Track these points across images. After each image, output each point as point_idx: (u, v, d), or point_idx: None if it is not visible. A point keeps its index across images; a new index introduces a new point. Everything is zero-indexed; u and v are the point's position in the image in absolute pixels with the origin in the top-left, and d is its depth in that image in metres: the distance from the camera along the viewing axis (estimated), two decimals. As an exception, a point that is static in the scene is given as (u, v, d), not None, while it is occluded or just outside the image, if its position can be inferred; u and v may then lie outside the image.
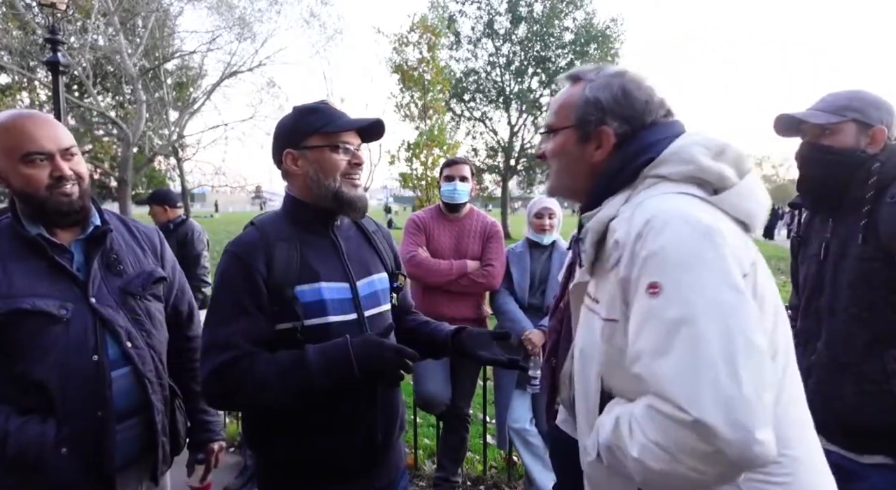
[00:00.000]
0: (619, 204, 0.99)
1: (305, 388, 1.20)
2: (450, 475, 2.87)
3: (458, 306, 2.74)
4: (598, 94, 1.04)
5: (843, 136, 1.50)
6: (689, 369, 0.76)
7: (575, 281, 1.14)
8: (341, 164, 1.31)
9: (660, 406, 0.78)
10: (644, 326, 0.83)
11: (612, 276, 0.94)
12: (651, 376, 0.80)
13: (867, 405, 1.40)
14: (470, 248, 2.79)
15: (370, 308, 1.37)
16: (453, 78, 19.15)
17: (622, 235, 0.91)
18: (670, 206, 0.90)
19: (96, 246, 1.38)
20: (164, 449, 1.45)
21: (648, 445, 0.80)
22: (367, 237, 1.50)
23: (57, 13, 6.86)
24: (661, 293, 0.82)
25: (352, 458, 1.32)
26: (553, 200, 2.78)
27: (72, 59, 11.84)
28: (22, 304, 1.23)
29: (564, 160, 1.10)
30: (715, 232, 0.85)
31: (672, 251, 0.83)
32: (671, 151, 0.98)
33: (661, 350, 0.80)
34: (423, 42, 9.88)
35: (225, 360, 1.19)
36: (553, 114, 1.12)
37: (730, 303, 0.80)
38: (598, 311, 1.00)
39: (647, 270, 0.84)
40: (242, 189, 25.29)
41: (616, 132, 1.03)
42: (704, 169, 0.95)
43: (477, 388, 2.99)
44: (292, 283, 1.26)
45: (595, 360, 1.00)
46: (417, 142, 9.41)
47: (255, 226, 1.34)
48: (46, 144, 1.27)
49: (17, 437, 1.21)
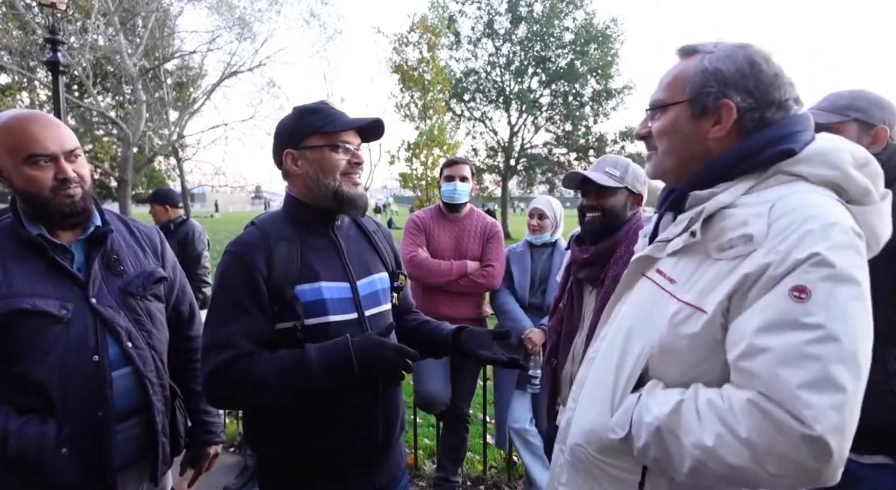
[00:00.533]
0: (739, 193, 0.92)
1: (306, 388, 1.20)
2: (450, 475, 2.87)
3: (458, 306, 2.74)
4: (718, 64, 0.94)
5: (845, 136, 1.49)
6: (819, 388, 0.75)
7: (642, 253, 1.05)
8: (341, 163, 1.32)
9: (770, 408, 0.76)
10: (777, 326, 0.79)
11: (720, 266, 0.88)
12: (770, 379, 0.78)
13: (867, 405, 1.40)
14: (470, 248, 2.79)
15: (371, 307, 1.37)
16: (453, 78, 19.15)
17: (757, 232, 0.85)
18: (823, 209, 0.84)
19: (97, 246, 1.38)
20: (164, 449, 1.45)
21: (730, 438, 0.78)
22: (368, 237, 1.50)
23: (57, 13, 6.87)
24: (808, 301, 0.78)
25: (352, 457, 1.32)
26: (546, 201, 2.77)
27: (72, 59, 11.84)
28: (22, 304, 1.23)
29: (675, 139, 1.00)
30: (863, 244, 0.84)
31: (828, 261, 0.79)
32: (817, 151, 0.91)
33: (794, 358, 0.77)
34: (423, 42, 9.87)
35: (225, 360, 1.20)
36: (662, 89, 1.02)
37: (866, 328, 0.81)
38: (673, 292, 0.93)
39: (794, 273, 0.80)
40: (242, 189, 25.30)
41: (739, 106, 0.93)
42: (851, 178, 0.89)
43: (477, 388, 2.99)
44: (292, 283, 1.26)
45: (647, 339, 0.95)
46: (417, 142, 9.40)
47: (255, 226, 1.34)
48: (51, 146, 1.28)
49: (18, 438, 1.21)
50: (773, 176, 0.92)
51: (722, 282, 0.87)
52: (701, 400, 0.84)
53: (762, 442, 0.76)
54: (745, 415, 0.78)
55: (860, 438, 1.42)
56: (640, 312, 1.00)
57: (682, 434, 0.83)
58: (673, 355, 0.91)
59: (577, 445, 1.05)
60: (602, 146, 21.91)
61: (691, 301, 0.90)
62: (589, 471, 1.02)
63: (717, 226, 0.91)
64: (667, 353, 0.92)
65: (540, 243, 2.74)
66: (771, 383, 0.77)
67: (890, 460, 1.41)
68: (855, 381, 0.76)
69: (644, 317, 0.98)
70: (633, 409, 0.93)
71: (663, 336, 0.92)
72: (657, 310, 0.95)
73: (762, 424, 0.76)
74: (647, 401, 0.91)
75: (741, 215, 0.89)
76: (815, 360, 0.76)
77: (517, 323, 2.62)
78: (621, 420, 0.94)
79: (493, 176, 23.55)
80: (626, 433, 0.92)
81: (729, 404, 0.80)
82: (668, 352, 0.92)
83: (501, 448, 2.95)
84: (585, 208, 1.85)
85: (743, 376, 0.81)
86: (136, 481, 1.43)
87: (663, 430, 0.86)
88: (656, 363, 0.94)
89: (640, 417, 0.90)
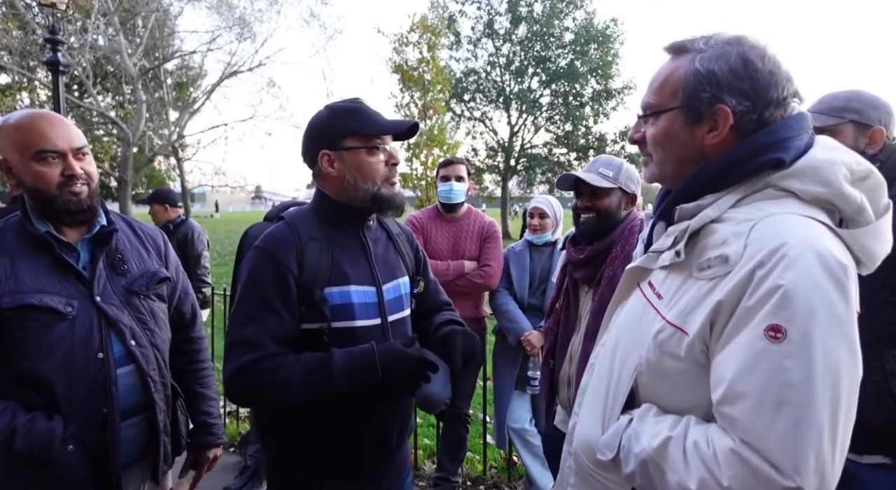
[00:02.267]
0: (726, 206, 0.87)
1: (329, 392, 1.20)
2: (450, 475, 2.87)
3: (459, 306, 2.73)
4: (711, 65, 0.88)
5: (841, 138, 1.50)
6: (798, 433, 0.73)
7: (636, 264, 1.03)
8: (380, 167, 1.31)
9: (751, 459, 0.75)
10: (753, 370, 0.76)
11: (699, 286, 0.85)
12: (750, 426, 0.76)
13: (867, 405, 1.39)
14: (468, 248, 2.79)
15: (393, 313, 1.37)
16: (453, 78, 19.14)
17: (733, 253, 0.81)
18: (804, 236, 0.78)
19: (102, 245, 1.40)
20: (166, 448, 1.45)
21: (713, 485, 0.77)
22: (392, 239, 1.48)
23: (57, 13, 6.87)
24: (784, 341, 0.74)
25: (365, 457, 1.33)
26: (546, 200, 2.77)
27: (72, 59, 11.84)
28: (29, 300, 1.24)
29: (670, 147, 0.95)
30: (847, 278, 0.78)
31: (802, 294, 0.74)
32: (810, 165, 0.85)
33: (770, 403, 0.75)
34: (423, 42, 9.87)
35: (250, 360, 1.19)
36: (654, 92, 0.96)
37: (847, 368, 0.77)
38: (659, 308, 0.91)
39: (768, 308, 0.75)
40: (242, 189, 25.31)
41: (735, 110, 0.88)
42: (844, 197, 0.83)
43: (477, 388, 2.99)
44: (322, 284, 1.25)
45: (636, 355, 0.93)
46: (417, 142, 9.39)
47: (285, 222, 1.32)
48: (60, 143, 1.30)
49: (25, 434, 1.22)
50: (762, 189, 0.87)
51: (701, 303, 0.84)
52: (689, 441, 0.82)
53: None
54: (728, 464, 0.76)
55: (860, 438, 1.43)
56: (630, 325, 0.99)
57: (669, 471, 0.83)
58: (661, 376, 0.90)
59: (577, 454, 1.05)
60: (602, 146, 21.90)
61: (673, 320, 0.87)
62: (588, 481, 1.03)
63: (701, 242, 0.88)
64: (654, 373, 0.90)
65: (541, 243, 2.75)
66: (751, 431, 0.76)
67: (889, 460, 1.41)
68: (833, 421, 0.74)
69: (633, 330, 0.97)
70: (623, 432, 0.92)
71: (650, 353, 0.90)
72: (644, 325, 0.93)
73: (744, 475, 0.75)
74: (637, 428, 0.90)
75: (722, 233, 0.85)
76: (793, 405, 0.74)
77: (516, 324, 2.62)
78: (610, 442, 0.93)
79: (493, 176, 23.55)
80: (614, 456, 0.91)
81: (713, 451, 0.79)
82: (655, 371, 0.90)
83: (501, 448, 2.95)
84: (580, 209, 1.86)
85: (725, 421, 0.80)
86: (138, 480, 1.43)
87: (649, 464, 0.85)
88: (645, 382, 0.92)
89: (629, 445, 0.89)
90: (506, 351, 2.72)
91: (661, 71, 0.96)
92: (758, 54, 0.88)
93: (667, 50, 0.97)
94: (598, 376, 1.04)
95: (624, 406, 0.95)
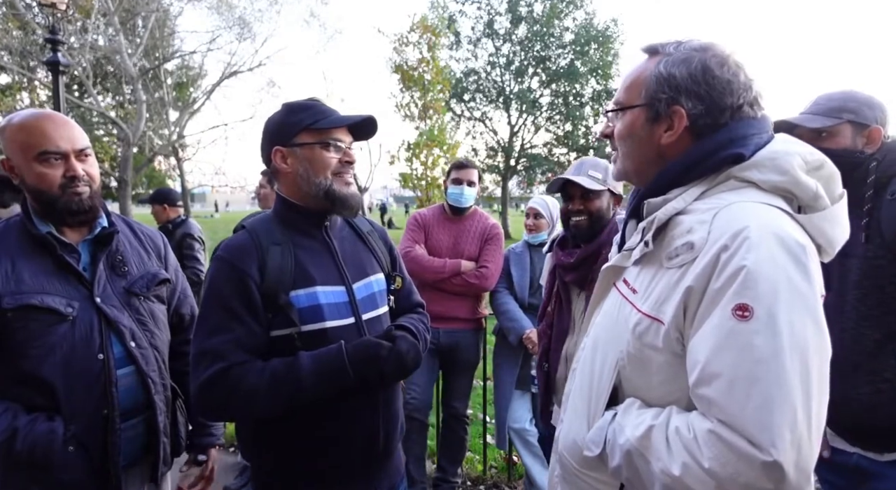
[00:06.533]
0: (691, 198, 0.92)
1: (299, 398, 1.17)
2: (449, 475, 2.87)
3: (451, 305, 2.74)
4: (672, 69, 0.94)
5: (840, 139, 1.50)
6: (772, 408, 0.75)
7: (610, 263, 1.06)
8: (332, 161, 1.28)
9: (729, 438, 0.76)
10: (724, 349, 0.79)
11: (669, 275, 0.88)
12: (726, 405, 0.78)
13: (883, 404, 1.39)
14: (467, 248, 2.79)
15: (368, 311, 1.34)
16: (453, 78, 19.15)
17: (698, 239, 0.85)
18: (764, 220, 0.83)
19: (102, 247, 1.40)
20: (165, 450, 1.46)
21: (695, 468, 0.78)
22: (362, 237, 1.46)
23: (57, 13, 6.87)
24: (751, 318, 0.77)
25: (352, 465, 1.29)
26: (542, 201, 2.78)
27: (72, 59, 11.85)
28: (31, 300, 1.24)
29: (632, 142, 1.01)
30: (807, 257, 0.81)
31: (765, 273, 0.78)
32: (767, 156, 0.90)
33: (743, 380, 0.77)
34: (423, 42, 9.86)
35: (216, 371, 1.15)
36: (623, 90, 1.02)
37: (814, 340, 0.79)
38: (634, 302, 0.94)
39: (734, 288, 0.79)
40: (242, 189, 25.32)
41: (689, 113, 0.93)
42: (800, 184, 0.88)
43: (477, 388, 2.99)
44: (287, 289, 1.22)
45: (616, 350, 0.95)
46: (417, 142, 9.39)
47: (245, 229, 1.30)
48: (62, 144, 1.31)
49: (26, 435, 1.22)
50: (724, 181, 0.92)
51: (673, 291, 0.87)
52: (671, 428, 0.84)
53: (725, 472, 0.76)
54: (707, 445, 0.78)
55: (879, 438, 1.43)
56: (608, 323, 1.01)
57: (653, 459, 0.84)
58: (643, 369, 0.91)
59: (563, 456, 1.06)
60: (602, 146, 21.89)
61: (649, 311, 0.90)
62: (574, 483, 1.03)
63: (669, 234, 0.91)
64: (637, 366, 0.92)
65: (537, 242, 2.75)
66: (726, 409, 0.77)
67: None
68: (805, 396, 0.76)
69: (611, 328, 0.99)
70: (608, 427, 0.93)
71: (630, 347, 0.92)
72: (622, 320, 0.96)
73: (723, 454, 0.77)
74: (621, 421, 0.91)
75: (688, 222, 0.89)
76: (764, 381, 0.76)
77: (516, 323, 2.62)
78: (596, 438, 0.94)
79: (494, 176, 23.55)
80: (600, 451, 0.93)
81: (694, 434, 0.80)
82: (637, 364, 0.92)
83: (501, 448, 2.95)
84: (571, 212, 1.86)
85: (702, 403, 0.82)
86: (138, 481, 1.44)
87: (634, 454, 0.87)
88: (628, 376, 0.94)
89: (614, 438, 0.91)
90: (506, 351, 2.72)
91: (633, 70, 1.02)
92: (718, 62, 0.93)
93: (643, 50, 1.03)
94: (580, 378, 1.05)
95: (608, 403, 0.97)
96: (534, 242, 2.76)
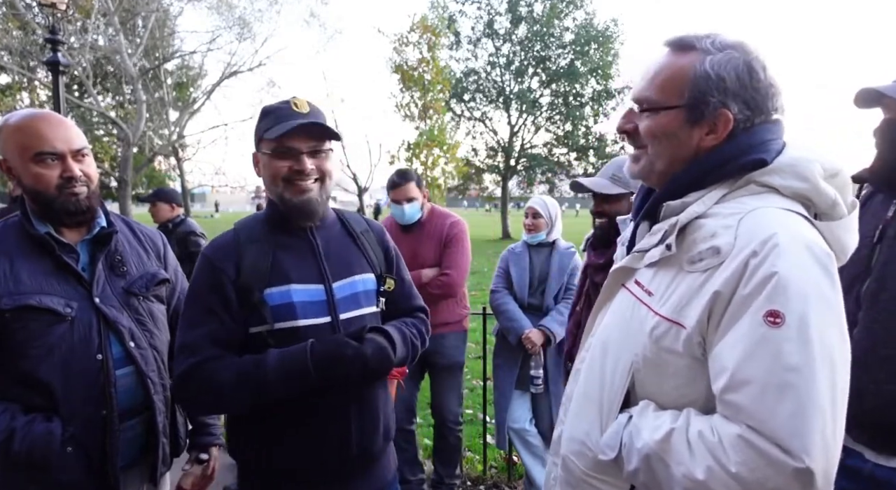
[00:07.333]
0: (711, 202, 0.91)
1: (263, 395, 1.17)
2: (445, 478, 2.87)
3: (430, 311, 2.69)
4: (721, 71, 0.89)
5: None
6: (804, 415, 0.75)
7: (621, 264, 1.03)
8: (282, 169, 1.26)
9: (759, 443, 0.76)
10: (755, 356, 0.78)
11: (692, 279, 0.87)
12: (756, 411, 0.77)
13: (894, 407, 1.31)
14: (428, 256, 2.69)
15: (347, 311, 1.31)
16: (453, 78, 19.15)
17: (725, 244, 0.84)
18: (791, 228, 0.83)
19: (101, 247, 1.40)
20: (164, 450, 1.45)
21: (721, 473, 0.78)
22: (353, 237, 1.43)
23: (57, 13, 6.87)
24: (782, 325, 0.77)
25: (325, 468, 1.28)
26: (541, 201, 2.76)
27: (72, 59, 11.84)
28: (29, 301, 1.24)
29: (667, 143, 0.95)
30: (833, 265, 0.82)
31: (795, 280, 0.78)
32: (788, 163, 0.89)
33: (774, 387, 0.76)
34: (423, 42, 9.88)
35: (189, 365, 1.18)
36: (655, 87, 0.95)
37: (840, 349, 0.79)
38: (650, 304, 0.92)
39: (765, 295, 0.78)
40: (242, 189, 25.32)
41: (736, 117, 0.90)
42: (820, 192, 0.88)
43: (477, 388, 2.98)
44: (261, 286, 1.23)
45: (630, 353, 0.93)
46: (417, 142, 9.41)
47: (232, 228, 1.33)
48: (58, 145, 1.30)
49: (24, 435, 1.22)
50: (744, 185, 0.91)
51: (696, 295, 0.85)
52: (692, 431, 0.83)
53: (753, 477, 0.76)
54: (735, 450, 0.77)
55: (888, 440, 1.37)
56: (620, 325, 0.98)
57: (673, 463, 0.83)
58: (659, 373, 0.90)
59: (567, 459, 1.04)
60: (602, 146, 21.92)
61: (668, 315, 0.88)
62: (579, 487, 1.01)
63: (689, 237, 0.90)
64: (652, 370, 0.91)
65: (535, 242, 2.74)
66: (757, 416, 0.77)
67: None
68: (833, 402, 0.76)
69: (624, 329, 0.97)
70: (623, 430, 0.91)
71: (647, 350, 0.91)
72: (636, 322, 0.94)
73: (753, 459, 0.76)
74: (637, 424, 0.90)
75: (711, 226, 0.88)
76: (796, 388, 0.76)
77: (516, 323, 2.62)
78: (611, 441, 0.92)
79: (493, 176, 23.56)
80: (616, 455, 0.91)
81: (719, 438, 0.80)
82: (653, 368, 0.91)
83: (501, 448, 2.95)
84: (594, 214, 1.88)
85: (730, 409, 0.81)
86: (137, 481, 1.43)
87: (653, 458, 0.85)
88: (643, 379, 0.92)
89: (631, 441, 0.89)
90: (506, 351, 2.72)
91: (663, 65, 0.95)
92: (762, 65, 0.91)
93: (669, 45, 0.96)
94: (587, 381, 1.03)
95: (621, 406, 0.95)
96: (532, 242, 2.75)
